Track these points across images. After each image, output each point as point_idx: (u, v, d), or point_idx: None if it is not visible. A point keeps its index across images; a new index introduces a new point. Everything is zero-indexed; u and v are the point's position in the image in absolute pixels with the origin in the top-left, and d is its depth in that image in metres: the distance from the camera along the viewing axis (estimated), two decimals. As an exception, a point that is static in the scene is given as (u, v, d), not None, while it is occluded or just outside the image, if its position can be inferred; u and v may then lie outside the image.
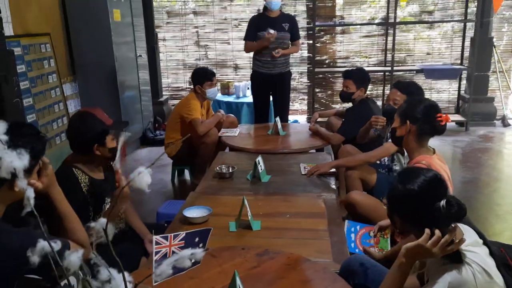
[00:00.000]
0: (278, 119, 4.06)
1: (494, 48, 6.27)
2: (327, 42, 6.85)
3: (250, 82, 4.96)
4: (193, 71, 4.35)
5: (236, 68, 7.08)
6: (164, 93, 6.98)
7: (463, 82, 6.67)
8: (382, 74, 6.75)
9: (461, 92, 6.70)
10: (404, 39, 6.79)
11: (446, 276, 1.40)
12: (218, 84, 6.03)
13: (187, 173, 4.63)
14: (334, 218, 2.29)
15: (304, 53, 6.83)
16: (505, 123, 6.38)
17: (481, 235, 1.52)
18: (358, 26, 6.71)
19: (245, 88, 6.14)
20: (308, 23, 6.66)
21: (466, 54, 6.52)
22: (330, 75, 6.89)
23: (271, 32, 4.37)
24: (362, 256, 1.92)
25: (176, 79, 7.20)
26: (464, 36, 6.55)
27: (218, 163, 3.23)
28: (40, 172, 1.51)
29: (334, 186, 2.83)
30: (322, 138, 3.81)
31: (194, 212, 2.29)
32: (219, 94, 6.15)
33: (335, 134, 3.73)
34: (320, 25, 6.54)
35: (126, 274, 0.95)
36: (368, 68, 5.94)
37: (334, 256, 1.91)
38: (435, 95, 6.81)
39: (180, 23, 6.96)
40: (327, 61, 6.88)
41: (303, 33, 6.51)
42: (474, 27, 6.24)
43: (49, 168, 1.53)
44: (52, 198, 1.56)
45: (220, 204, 2.47)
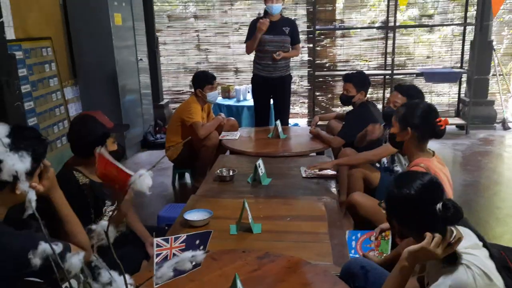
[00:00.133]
0: (279, 122, 4.06)
1: (494, 52, 6.28)
2: (327, 45, 6.87)
3: (251, 85, 4.96)
4: (193, 74, 4.37)
5: (236, 71, 7.09)
6: (164, 96, 7.00)
7: (463, 85, 6.67)
8: (382, 77, 6.75)
9: (461, 95, 6.71)
10: (404, 42, 6.80)
11: (446, 279, 1.40)
12: (219, 87, 6.05)
13: (187, 176, 4.62)
14: (334, 221, 2.29)
15: (305, 56, 6.84)
16: (505, 126, 6.39)
17: (480, 237, 1.52)
18: (358, 30, 6.72)
19: (245, 92, 6.15)
20: (308, 27, 6.68)
21: (466, 57, 6.53)
22: (330, 79, 6.90)
23: (266, 21, 4.37)
24: (363, 259, 1.93)
25: (176, 82, 7.22)
26: (464, 39, 6.56)
27: (218, 166, 3.24)
28: (41, 175, 1.51)
29: (334, 190, 2.83)
30: (322, 141, 3.81)
31: (194, 215, 2.29)
32: (220, 98, 6.16)
33: (335, 137, 3.74)
34: (320, 28, 6.56)
35: (127, 277, 0.96)
36: (368, 72, 5.96)
37: (335, 259, 1.91)
38: (435, 99, 6.82)
39: (181, 27, 6.98)
40: (327, 64, 6.90)
41: (303, 36, 6.52)
42: (473, 30, 6.25)
43: (50, 171, 1.53)
44: (53, 201, 1.57)
45: (220, 207, 2.47)
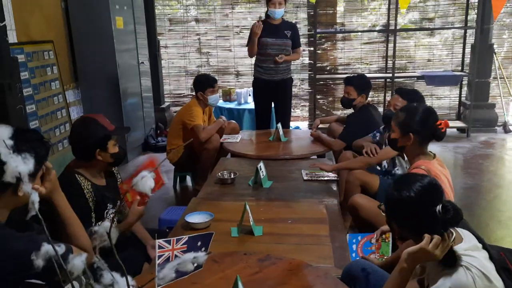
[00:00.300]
0: (280, 125, 4.07)
1: (494, 55, 6.28)
2: (328, 49, 6.88)
3: (252, 88, 4.97)
4: (195, 77, 4.38)
5: (237, 74, 7.11)
6: (166, 99, 7.01)
7: (464, 88, 6.68)
8: (383, 80, 6.76)
9: (462, 98, 6.71)
10: (404, 46, 6.81)
11: (446, 281, 1.41)
12: (220, 90, 6.05)
13: (189, 179, 4.63)
14: (335, 223, 2.30)
15: (305, 60, 6.86)
16: (506, 129, 6.39)
17: (480, 239, 1.53)
18: (359, 33, 6.74)
19: (246, 95, 6.16)
20: (309, 30, 6.69)
21: (467, 60, 6.54)
22: (331, 82, 6.91)
23: (260, 24, 4.42)
24: (364, 261, 1.92)
25: (178, 85, 7.23)
26: (464, 42, 6.57)
27: (219, 169, 3.25)
28: (43, 177, 1.52)
29: (335, 192, 2.83)
30: (323, 144, 3.82)
31: (196, 218, 2.30)
32: (221, 101, 6.17)
33: (336, 140, 3.74)
34: (321, 32, 6.57)
35: (129, 278, 0.96)
36: (369, 75, 5.94)
37: (336, 261, 1.92)
38: (436, 102, 6.82)
39: (182, 30, 7.00)
40: (328, 67, 6.91)
41: (304, 40, 6.54)
42: (474, 34, 6.26)
43: (52, 173, 1.54)
44: (55, 203, 1.57)
45: (222, 210, 2.47)
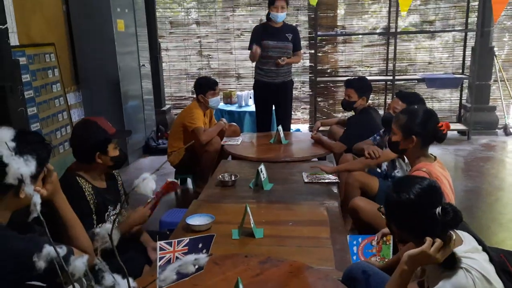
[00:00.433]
0: (280, 127, 4.07)
1: (495, 58, 6.29)
2: (329, 51, 6.89)
3: (253, 91, 4.98)
4: (195, 80, 4.39)
5: (238, 77, 7.12)
6: (166, 102, 7.02)
7: (465, 91, 6.68)
8: (384, 83, 6.77)
9: (462, 101, 6.71)
10: (405, 48, 6.82)
11: (446, 283, 1.41)
12: (221, 93, 6.07)
13: (189, 181, 4.63)
14: (336, 226, 2.30)
15: (306, 62, 6.87)
16: (507, 132, 6.39)
17: (480, 241, 1.53)
18: (360, 36, 6.75)
19: (247, 97, 6.16)
20: (310, 33, 6.70)
21: (467, 63, 6.55)
22: (332, 84, 6.91)
23: (258, 51, 4.45)
24: (364, 263, 1.92)
25: (178, 88, 7.24)
26: (465, 45, 6.58)
27: (220, 171, 3.25)
28: (44, 180, 1.52)
29: (336, 195, 2.82)
30: (324, 146, 3.82)
31: (197, 220, 2.30)
32: (222, 103, 6.17)
33: (337, 142, 3.75)
34: (322, 34, 6.58)
35: (131, 280, 0.96)
36: (369, 77, 5.96)
37: (337, 263, 1.91)
38: (436, 104, 6.83)
39: (183, 33, 7.01)
40: (329, 70, 6.91)
41: (305, 42, 6.55)
42: (475, 36, 6.26)
43: (53, 175, 1.54)
44: (56, 205, 1.57)
45: (222, 212, 2.47)
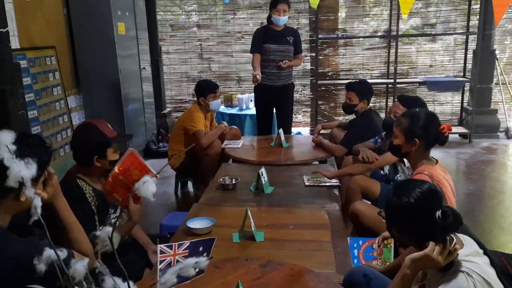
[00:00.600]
0: (281, 131, 4.06)
1: (496, 61, 6.29)
2: (330, 54, 6.89)
3: (254, 94, 4.97)
4: (196, 83, 4.39)
5: (239, 80, 7.12)
6: (167, 105, 7.02)
7: (466, 94, 6.68)
8: (385, 86, 6.77)
9: (464, 104, 6.71)
10: (406, 51, 6.82)
11: (447, 287, 1.40)
12: (222, 96, 6.07)
13: (190, 185, 4.62)
14: (337, 229, 2.29)
15: (307, 65, 6.87)
16: (508, 135, 6.38)
17: (481, 245, 1.52)
18: (361, 39, 6.75)
19: (248, 100, 6.17)
20: (311, 36, 6.71)
21: (469, 66, 6.54)
22: (333, 88, 6.92)
23: (258, 77, 4.45)
24: (365, 267, 1.92)
25: (179, 91, 7.25)
26: (466, 48, 6.58)
27: (221, 174, 3.24)
28: (45, 183, 1.52)
29: (337, 198, 2.82)
30: (325, 150, 3.81)
31: (197, 223, 2.29)
32: (222, 106, 6.18)
33: (338, 145, 3.74)
34: (323, 37, 6.59)
35: (131, 283, 0.96)
36: (371, 80, 5.97)
37: (337, 267, 1.91)
38: (438, 107, 6.82)
39: (183, 36, 7.02)
40: (330, 73, 6.92)
41: (306, 45, 6.55)
42: (476, 39, 6.26)
43: (54, 178, 1.53)
44: (57, 208, 1.57)
45: (223, 216, 2.47)
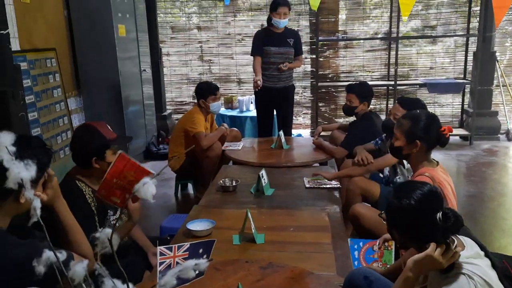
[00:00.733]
0: (282, 133, 4.06)
1: (497, 63, 6.29)
2: (330, 56, 6.90)
3: (254, 96, 4.97)
4: (197, 85, 4.38)
5: (239, 82, 7.12)
6: (167, 107, 7.02)
7: (467, 96, 6.68)
8: (385, 88, 6.77)
9: (464, 106, 6.71)
10: (407, 53, 6.83)
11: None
12: (222, 98, 6.07)
13: (190, 187, 4.62)
14: (338, 231, 2.29)
15: (308, 67, 6.87)
16: (509, 137, 6.38)
17: (482, 247, 1.52)
18: (361, 41, 6.76)
19: (248, 102, 6.17)
20: (311, 38, 6.71)
21: (469, 68, 6.54)
22: (333, 89, 6.92)
23: (259, 83, 4.45)
24: (366, 269, 1.91)
25: (180, 93, 7.25)
26: (466, 50, 6.58)
27: (221, 176, 3.24)
28: (45, 184, 1.51)
29: (337, 200, 2.82)
30: (325, 151, 3.81)
31: (197, 225, 2.29)
32: (223, 108, 6.17)
33: (338, 147, 3.74)
34: (323, 39, 6.59)
35: (131, 285, 0.95)
36: (371, 82, 5.96)
37: (338, 269, 1.90)
38: (438, 109, 6.82)
39: (184, 38, 7.03)
40: (330, 75, 6.92)
41: (306, 47, 6.55)
42: (476, 41, 6.26)
43: (54, 180, 1.53)
44: (57, 210, 1.56)
45: (223, 217, 2.46)
